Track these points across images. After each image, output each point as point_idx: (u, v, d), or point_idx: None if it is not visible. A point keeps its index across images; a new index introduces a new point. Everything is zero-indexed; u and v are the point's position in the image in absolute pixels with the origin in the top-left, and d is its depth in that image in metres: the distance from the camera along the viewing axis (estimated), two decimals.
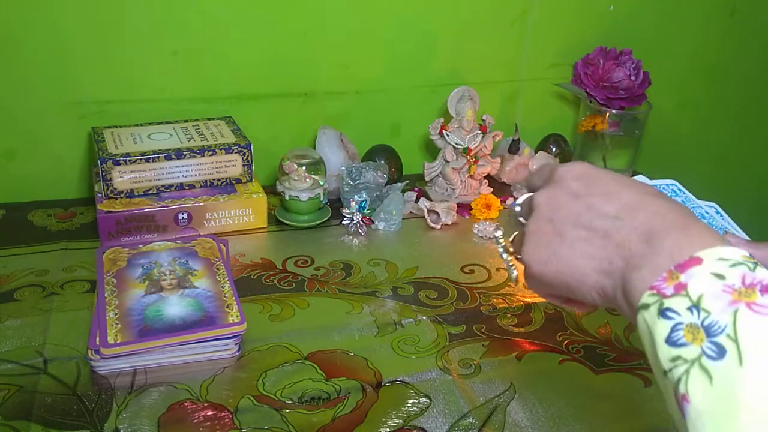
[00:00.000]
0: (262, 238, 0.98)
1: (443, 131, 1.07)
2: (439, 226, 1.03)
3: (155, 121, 1.03)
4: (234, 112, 1.08)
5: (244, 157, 0.98)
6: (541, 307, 0.86)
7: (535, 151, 1.16)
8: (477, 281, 0.90)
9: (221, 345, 0.73)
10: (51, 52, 0.98)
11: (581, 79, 1.18)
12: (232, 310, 0.76)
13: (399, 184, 1.06)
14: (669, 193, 0.67)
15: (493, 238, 0.52)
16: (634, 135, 1.20)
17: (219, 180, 0.98)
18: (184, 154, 0.95)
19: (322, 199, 1.00)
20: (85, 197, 1.05)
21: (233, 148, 0.97)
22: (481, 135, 1.08)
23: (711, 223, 0.66)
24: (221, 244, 0.90)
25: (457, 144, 1.07)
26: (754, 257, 0.36)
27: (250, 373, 0.72)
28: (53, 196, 1.04)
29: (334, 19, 1.08)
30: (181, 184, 0.96)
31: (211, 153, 0.96)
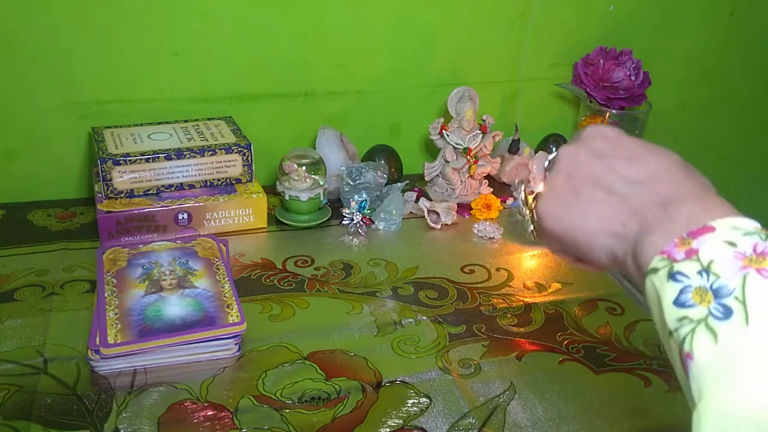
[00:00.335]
0: (262, 238, 0.98)
1: (443, 131, 1.07)
2: (439, 226, 1.03)
3: (155, 121, 1.03)
4: (234, 112, 1.08)
5: (244, 157, 0.98)
6: (541, 307, 0.86)
7: (535, 151, 1.16)
8: (477, 281, 0.90)
9: (221, 345, 0.73)
10: (51, 52, 0.98)
11: (581, 79, 1.18)
12: (232, 310, 0.76)
13: (399, 184, 1.06)
14: None
15: (515, 190, 0.52)
16: (634, 135, 1.19)
17: (219, 180, 0.98)
18: (184, 154, 0.95)
19: (322, 199, 1.00)
20: (85, 197, 1.05)
21: (233, 148, 0.97)
22: (481, 135, 1.07)
23: None
24: (221, 244, 0.90)
25: (457, 144, 1.07)
26: None
27: (250, 373, 0.72)
28: (53, 196, 1.04)
29: (334, 19, 1.08)
30: (181, 184, 0.96)
31: (211, 153, 0.96)
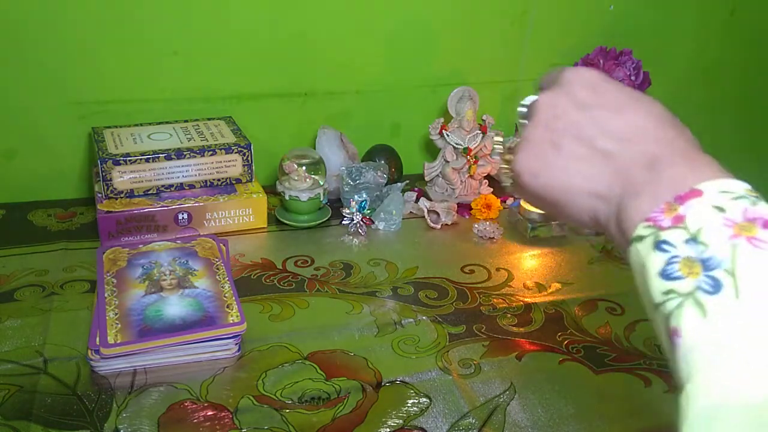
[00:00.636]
0: (262, 238, 0.98)
1: (443, 131, 1.07)
2: (439, 226, 1.03)
3: (155, 121, 1.03)
4: (234, 112, 1.08)
5: (244, 157, 0.98)
6: (541, 307, 0.86)
7: None
8: (477, 281, 0.90)
9: (221, 345, 0.73)
10: (51, 52, 0.98)
11: None
12: (232, 310, 0.76)
13: (399, 184, 1.06)
14: None
15: (493, 141, 0.48)
16: None
17: (219, 180, 0.98)
18: (184, 154, 0.95)
19: (322, 199, 1.00)
20: (85, 197, 1.05)
21: (233, 148, 0.97)
22: (481, 135, 1.08)
23: None
24: (221, 244, 0.90)
25: (457, 144, 1.07)
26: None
27: (250, 373, 0.72)
28: (53, 196, 1.04)
29: (334, 19, 1.08)
30: (181, 184, 0.96)
31: (211, 153, 0.96)
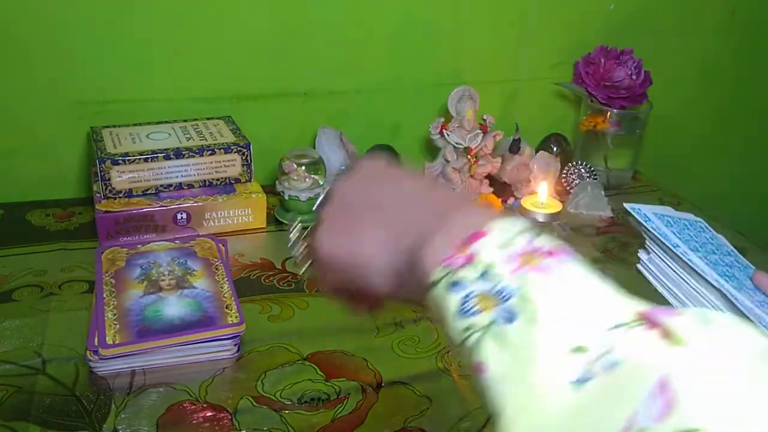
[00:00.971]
0: (261, 238, 0.98)
1: (443, 131, 1.07)
2: None
3: (154, 121, 1.03)
4: (234, 112, 1.08)
5: (244, 157, 0.98)
6: None
7: (536, 151, 1.16)
8: None
9: (220, 345, 0.73)
10: (51, 52, 0.98)
11: (582, 78, 1.18)
12: (231, 310, 0.76)
13: None
14: (697, 229, 0.66)
15: (290, 230, 0.51)
16: (635, 134, 1.19)
17: (218, 180, 0.98)
18: (183, 153, 0.95)
19: None
20: (84, 197, 1.04)
21: (232, 147, 0.97)
22: (481, 135, 1.07)
23: (737, 261, 0.65)
24: (220, 244, 0.90)
25: (457, 144, 1.07)
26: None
27: (250, 374, 0.71)
28: (52, 196, 1.04)
29: (334, 18, 1.08)
30: (180, 183, 0.96)
31: (210, 153, 0.96)
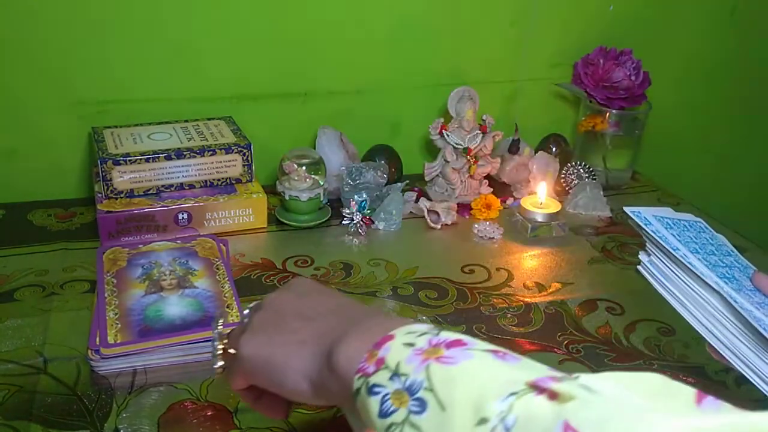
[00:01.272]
0: (262, 238, 0.98)
1: (443, 131, 1.07)
2: (439, 226, 1.03)
3: (155, 121, 1.03)
4: (234, 112, 1.08)
5: (244, 157, 0.98)
6: (541, 307, 0.86)
7: (536, 151, 1.16)
8: (477, 281, 0.90)
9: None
10: (51, 52, 0.98)
11: (581, 79, 1.18)
12: (233, 310, 0.76)
13: (399, 184, 1.06)
14: (696, 230, 0.66)
15: (213, 324, 0.56)
16: (634, 135, 1.20)
17: (219, 180, 0.98)
18: (184, 154, 0.95)
19: (322, 199, 1.00)
20: (85, 197, 1.05)
21: (233, 148, 0.97)
22: (481, 135, 1.08)
23: (737, 261, 0.65)
24: (221, 244, 0.90)
25: (457, 144, 1.07)
26: None
27: None
28: (53, 196, 1.04)
29: (334, 18, 1.08)
30: (181, 184, 0.96)
31: (211, 153, 0.96)
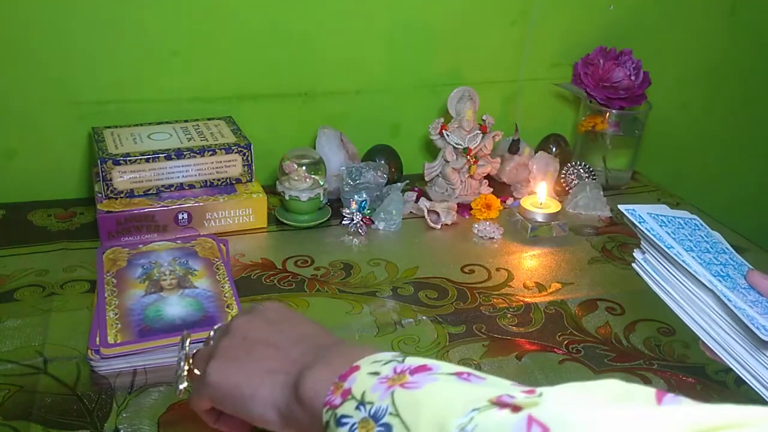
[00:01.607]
0: (262, 238, 0.98)
1: (443, 131, 1.07)
2: (439, 226, 1.03)
3: (155, 121, 1.03)
4: (234, 112, 1.08)
5: (244, 157, 0.98)
6: (541, 307, 0.86)
7: (535, 151, 1.16)
8: (477, 281, 0.90)
9: None
10: (51, 51, 0.98)
11: (581, 79, 1.18)
12: (233, 310, 0.76)
13: (399, 184, 1.06)
14: (692, 227, 0.66)
15: (179, 345, 0.56)
16: (634, 135, 1.20)
17: (219, 180, 0.98)
18: (184, 154, 0.95)
19: (322, 199, 1.00)
20: (85, 197, 1.05)
21: (233, 148, 0.97)
22: (481, 135, 1.08)
23: (732, 259, 0.65)
24: (221, 244, 0.90)
25: (457, 144, 1.07)
26: None
27: None
28: (53, 196, 1.04)
29: (333, 19, 1.08)
30: (181, 184, 0.96)
31: (211, 153, 0.96)
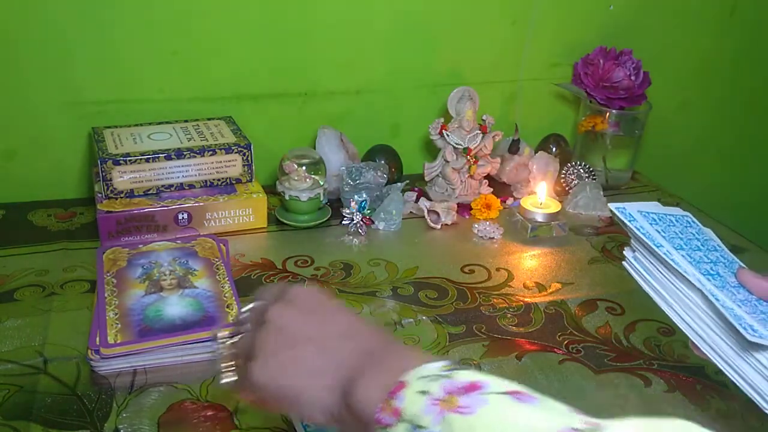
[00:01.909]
0: (262, 238, 0.98)
1: (443, 131, 1.07)
2: (439, 226, 1.03)
3: (155, 121, 1.03)
4: (234, 112, 1.08)
5: (244, 157, 0.98)
6: (541, 307, 0.86)
7: (535, 151, 1.16)
8: (477, 281, 0.90)
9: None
10: (51, 52, 0.98)
11: (581, 79, 1.18)
12: (232, 310, 0.76)
13: (399, 184, 1.06)
14: (683, 224, 0.66)
15: (215, 339, 0.53)
16: (634, 135, 1.20)
17: (219, 180, 0.98)
18: (184, 154, 0.95)
19: (322, 199, 1.00)
20: (85, 197, 1.05)
21: (233, 148, 0.97)
22: (481, 135, 1.08)
23: (723, 257, 0.65)
24: (221, 244, 0.90)
25: (457, 144, 1.07)
26: None
27: None
28: (53, 196, 1.04)
29: (333, 18, 1.08)
30: (181, 184, 0.96)
31: (211, 153, 0.96)
